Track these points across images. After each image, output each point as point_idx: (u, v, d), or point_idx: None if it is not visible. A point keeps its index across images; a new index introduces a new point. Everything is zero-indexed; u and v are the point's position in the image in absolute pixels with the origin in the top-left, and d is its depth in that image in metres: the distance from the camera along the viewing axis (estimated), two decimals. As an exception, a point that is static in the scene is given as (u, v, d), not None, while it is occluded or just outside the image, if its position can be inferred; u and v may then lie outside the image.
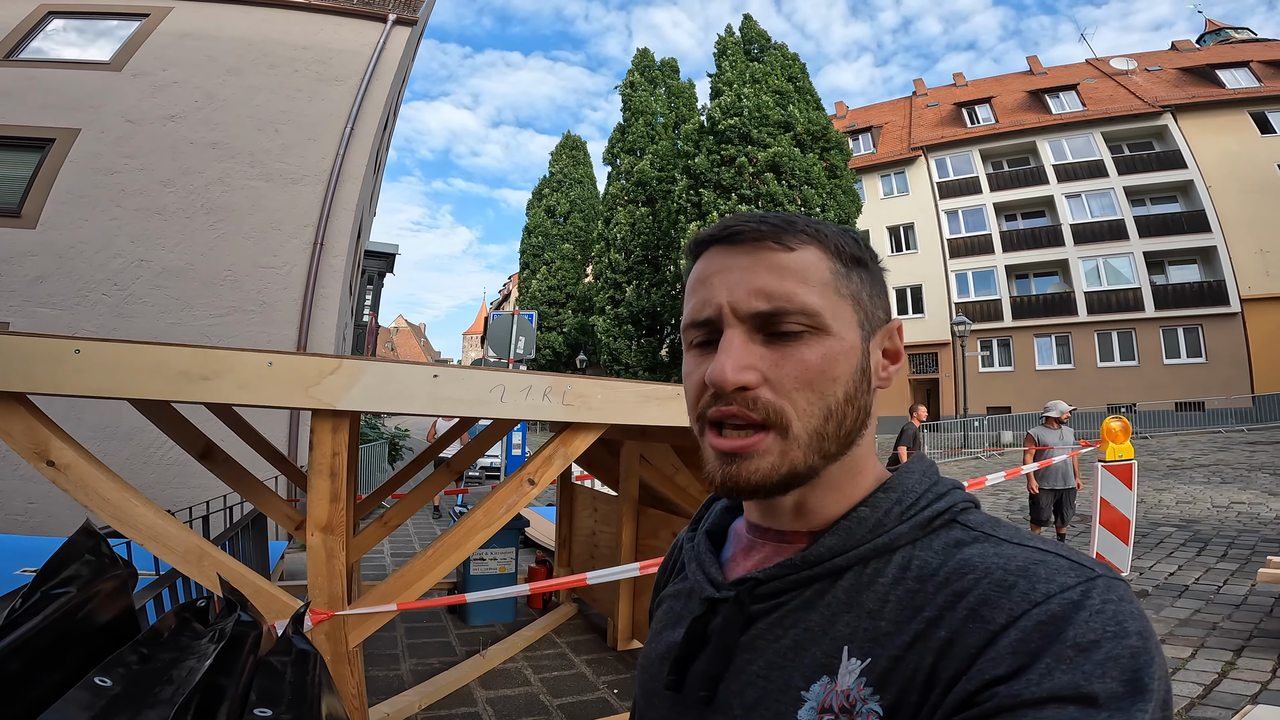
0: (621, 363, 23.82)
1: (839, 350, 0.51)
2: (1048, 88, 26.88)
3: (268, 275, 8.01)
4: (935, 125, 28.46)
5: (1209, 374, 21.19)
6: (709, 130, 19.38)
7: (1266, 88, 22.89)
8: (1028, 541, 0.47)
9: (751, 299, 0.51)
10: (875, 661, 0.45)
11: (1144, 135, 24.14)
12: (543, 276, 32.61)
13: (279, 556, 5.40)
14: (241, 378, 2.02)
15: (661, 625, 0.65)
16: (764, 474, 0.50)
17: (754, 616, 0.53)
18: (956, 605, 0.43)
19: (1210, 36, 30.39)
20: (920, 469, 0.56)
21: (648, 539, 3.84)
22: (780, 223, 0.53)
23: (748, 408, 0.50)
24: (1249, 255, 21.22)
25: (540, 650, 4.04)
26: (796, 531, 0.55)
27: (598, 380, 2.43)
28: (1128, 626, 0.39)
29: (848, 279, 0.53)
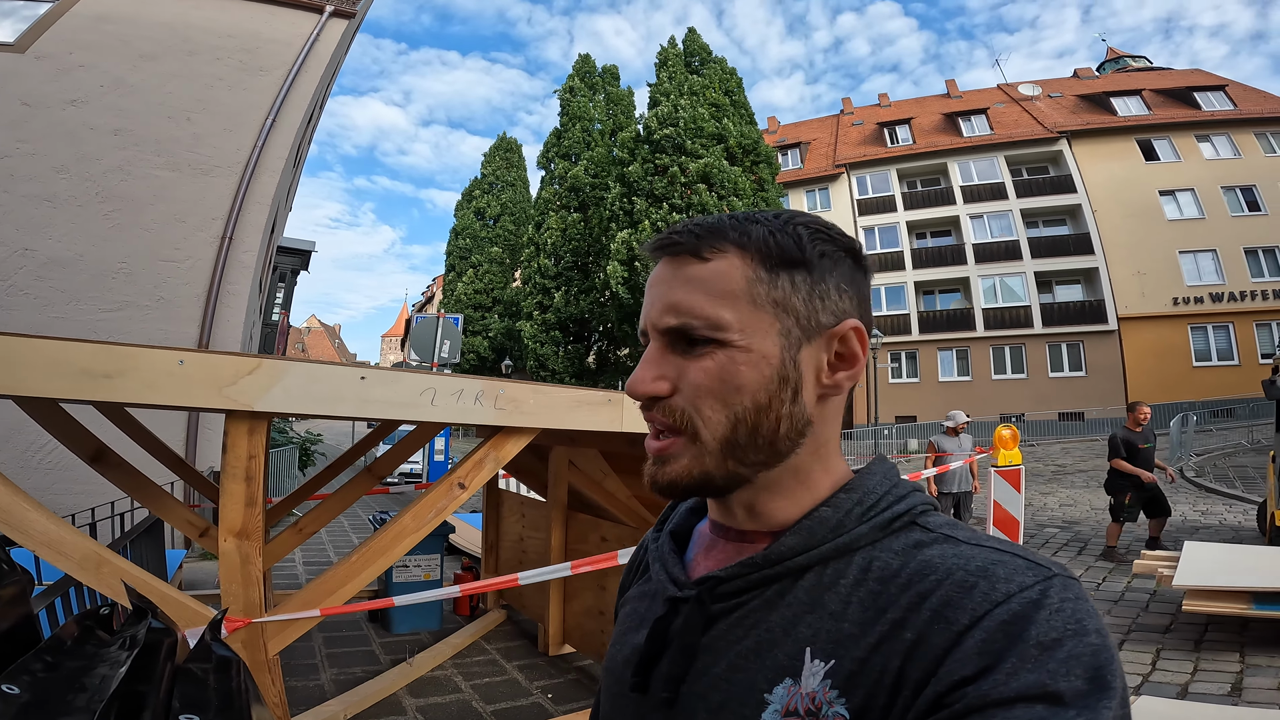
0: (548, 369, 23.64)
1: (743, 360, 0.51)
2: (961, 111, 28.71)
3: (168, 269, 7.50)
4: (859, 144, 29.88)
5: (1088, 386, 23.21)
6: (645, 139, 19.60)
7: (1155, 115, 25.27)
8: (985, 542, 0.47)
9: (664, 315, 0.53)
10: (840, 664, 0.45)
11: (1041, 160, 26.22)
12: (469, 279, 31.92)
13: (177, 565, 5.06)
14: (149, 377, 1.92)
15: (625, 627, 0.65)
16: (675, 475, 0.52)
17: (715, 616, 0.53)
18: (921, 606, 0.44)
19: (1110, 64, 32.93)
20: (881, 471, 0.56)
21: (577, 543, 3.86)
22: (702, 232, 0.53)
23: (663, 414, 0.53)
24: (1127, 277, 23.42)
25: (470, 657, 3.97)
26: (757, 532, 0.56)
27: (530, 385, 2.44)
28: (1086, 624, 0.40)
29: (771, 284, 0.52)
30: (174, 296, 7.46)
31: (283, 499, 4.71)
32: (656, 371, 0.53)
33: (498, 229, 33.59)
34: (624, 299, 18.63)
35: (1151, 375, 22.27)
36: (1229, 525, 8.45)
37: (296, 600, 1.96)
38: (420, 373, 2.35)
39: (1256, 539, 7.05)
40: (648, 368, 0.54)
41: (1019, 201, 25.48)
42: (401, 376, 2.33)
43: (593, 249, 23.27)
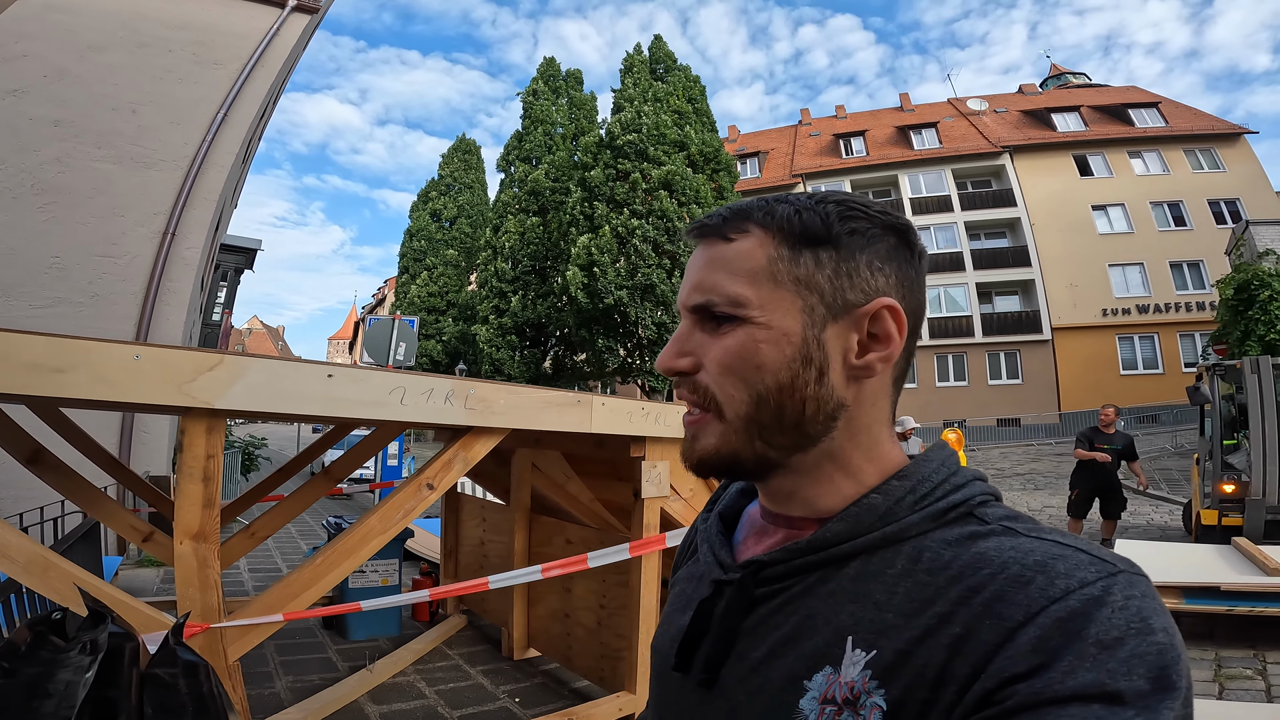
0: (503, 373, 23.35)
1: (763, 338, 0.51)
2: (913, 124, 29.60)
3: (104, 265, 7.15)
4: (815, 154, 30.53)
5: (1024, 394, 24.24)
6: (607, 144, 19.61)
7: (1091, 132, 26.53)
8: (1046, 535, 0.45)
9: (691, 294, 0.54)
10: (880, 654, 0.44)
11: (985, 174, 27.26)
12: (423, 282, 31.30)
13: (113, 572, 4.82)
14: (102, 372, 1.84)
15: (674, 607, 0.64)
16: (705, 452, 0.53)
17: (757, 600, 0.53)
18: (971, 601, 0.42)
19: (1052, 81, 34.38)
20: (940, 458, 0.54)
21: (541, 547, 3.83)
22: (730, 213, 0.54)
23: (691, 390, 0.54)
24: (1061, 288, 24.56)
25: (432, 663, 3.89)
26: (806, 519, 0.55)
27: (501, 385, 2.43)
28: (1152, 623, 0.38)
29: (793, 262, 0.52)
30: (110, 293, 7.11)
31: (229, 503, 4.53)
32: (680, 348, 0.54)
33: (454, 231, 33.05)
34: (583, 304, 18.56)
35: (1082, 383, 23.38)
36: (1157, 525, 8.96)
37: (258, 605, 1.89)
38: (390, 371, 2.31)
39: (1183, 537, 7.50)
40: (673, 344, 0.55)
41: (963, 214, 26.45)
42: (370, 374, 2.29)
43: (551, 253, 23.13)
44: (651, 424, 2.68)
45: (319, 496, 4.54)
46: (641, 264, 18.10)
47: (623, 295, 18.01)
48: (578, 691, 3.53)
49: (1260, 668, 3.70)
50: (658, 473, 2.72)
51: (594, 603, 3.20)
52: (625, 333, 19.26)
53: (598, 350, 19.59)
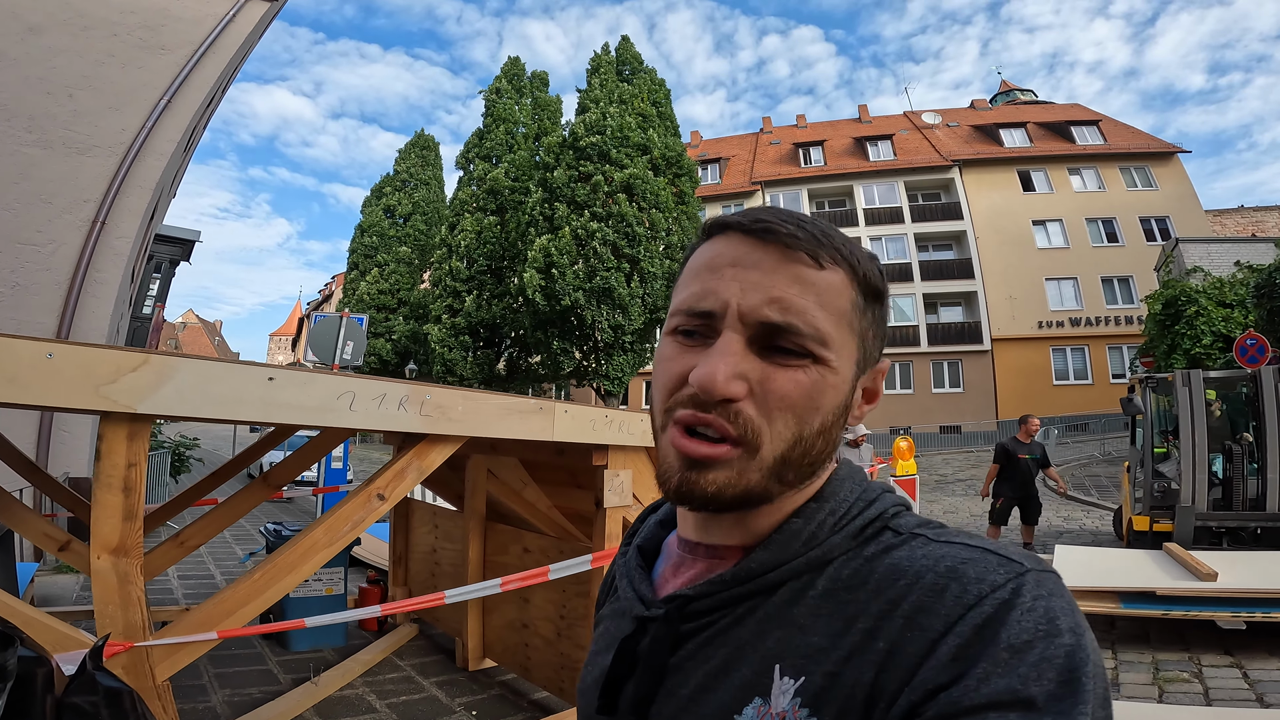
0: (456, 374, 22.89)
1: (831, 383, 0.49)
2: (870, 136, 30.48)
3: (25, 253, 6.70)
4: (775, 162, 31.09)
5: (965, 402, 25.20)
6: (571, 145, 19.50)
7: (1035, 148, 27.78)
8: (955, 539, 0.46)
9: (765, 307, 0.47)
10: (809, 680, 0.43)
11: (935, 186, 28.24)
12: (374, 279, 30.44)
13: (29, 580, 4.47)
14: (10, 370, 1.67)
15: (597, 647, 0.62)
16: (721, 485, 0.48)
17: (684, 636, 0.51)
18: (892, 614, 0.42)
19: (1001, 97, 35.88)
20: (849, 475, 0.54)
21: (497, 555, 3.71)
22: (817, 233, 0.50)
23: (727, 420, 0.47)
24: (1001, 300, 25.62)
25: (382, 674, 3.73)
26: (729, 546, 0.53)
27: (458, 391, 2.32)
28: (1059, 624, 0.39)
29: (863, 314, 0.51)
30: (30, 283, 6.67)
31: (158, 508, 4.25)
32: (737, 369, 0.47)
33: (408, 228, 32.28)
34: (540, 306, 18.35)
35: (1018, 392, 24.44)
36: (1088, 530, 9.36)
37: (190, 621, 1.74)
38: (336, 374, 2.18)
39: (1114, 542, 7.83)
40: (728, 361, 0.47)
41: (913, 226, 27.33)
42: (315, 378, 2.15)
43: (508, 253, 22.81)
44: (615, 432, 2.62)
45: (257, 503, 4.31)
46: (600, 267, 18.02)
47: (580, 298, 17.89)
48: (538, 704, 3.43)
49: (1196, 671, 3.86)
50: (620, 481, 2.66)
51: (553, 613, 3.11)
52: (581, 335, 19.14)
53: (553, 353, 19.40)
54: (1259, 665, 3.95)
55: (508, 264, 23.08)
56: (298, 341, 67.03)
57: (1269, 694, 3.57)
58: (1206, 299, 13.02)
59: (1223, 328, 12.43)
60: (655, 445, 0.53)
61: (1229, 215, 29.30)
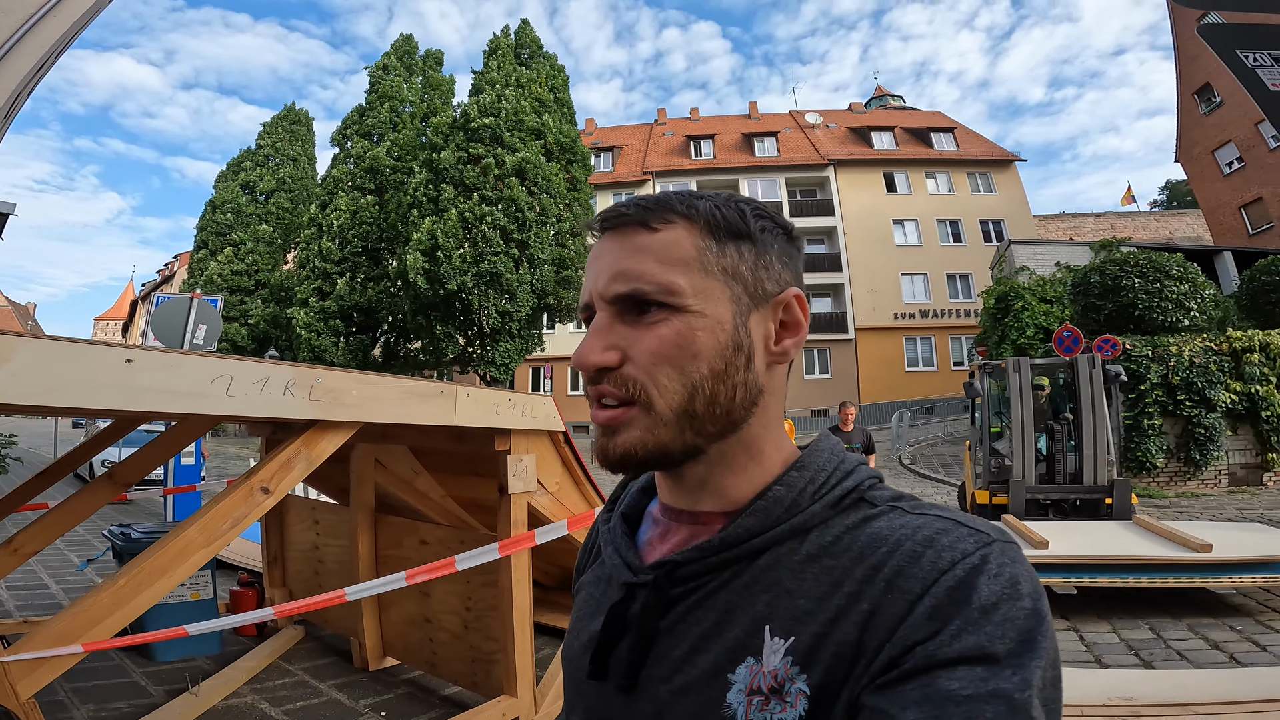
0: (324, 361, 21.38)
1: (699, 326, 0.51)
2: (757, 132, 31.69)
3: None
4: (667, 154, 31.59)
5: (832, 387, 27.09)
6: (462, 126, 18.74)
7: (900, 151, 30.10)
8: (929, 511, 0.49)
9: (612, 283, 0.52)
10: (799, 640, 0.46)
11: (812, 184, 29.94)
12: (226, 259, 27.67)
13: None
14: None
15: (582, 613, 0.64)
16: (629, 446, 0.51)
17: (673, 600, 0.53)
18: (874, 578, 0.45)
19: (875, 101, 38.56)
20: (828, 447, 0.57)
21: (390, 549, 3.53)
22: (650, 204, 0.54)
23: (614, 385, 0.52)
24: (864, 294, 27.76)
25: (272, 680, 3.45)
26: (711, 513, 0.55)
27: (352, 373, 2.19)
28: (1022, 588, 0.43)
29: (720, 253, 0.53)
30: None
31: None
32: (605, 341, 0.52)
33: (270, 205, 29.62)
34: (422, 289, 17.54)
35: (877, 378, 26.72)
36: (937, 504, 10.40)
37: (49, 634, 1.53)
38: (210, 356, 1.98)
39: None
40: (596, 338, 0.53)
41: (791, 220, 28.86)
42: (184, 360, 1.94)
43: (387, 235, 21.57)
44: (518, 416, 2.58)
45: (99, 506, 3.83)
46: (488, 251, 17.51)
47: (466, 281, 17.29)
48: (450, 699, 3.32)
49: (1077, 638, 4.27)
50: (524, 466, 2.63)
51: (458, 606, 3.02)
52: (466, 321, 18.54)
53: (435, 338, 18.66)
54: (1091, 628, 4.36)
55: (386, 246, 21.84)
56: (130, 326, 59.57)
57: (1105, 655, 3.93)
58: (1031, 295, 14.75)
59: (1043, 321, 14.13)
60: None
61: (1052, 220, 33.53)
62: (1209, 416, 9.95)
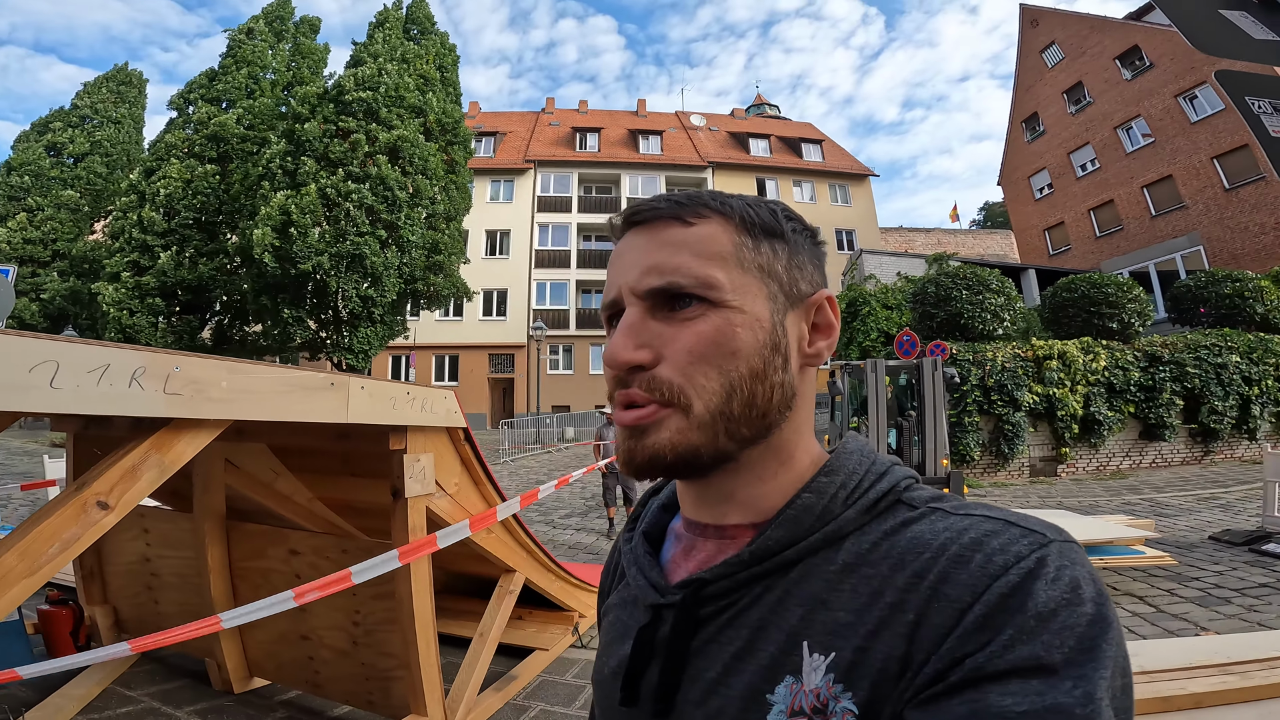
0: (139, 343, 18.68)
1: (739, 323, 0.49)
2: (643, 130, 32.16)
3: None
4: (552, 143, 31.17)
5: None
6: (334, 98, 17.20)
7: (773, 159, 31.75)
8: (974, 511, 0.46)
9: (645, 277, 0.50)
10: (840, 655, 0.43)
11: (690, 184, 30.84)
12: (17, 226, 23.46)
13: None
14: None
15: (610, 637, 0.60)
16: (659, 448, 0.49)
17: (702, 620, 0.50)
18: (919, 585, 0.42)
19: (754, 109, 40.41)
20: (857, 448, 0.54)
21: (250, 560, 3.09)
22: (683, 199, 0.52)
23: (645, 389, 0.49)
24: (729, 293, 29.23)
25: (111, 709, 2.91)
26: (737, 526, 0.53)
27: (221, 361, 1.86)
28: (1083, 593, 0.40)
29: (755, 250, 0.51)
30: None
31: None
32: (637, 338, 0.50)
33: (79, 169, 25.53)
34: (269, 268, 15.85)
35: (744, 373, 28.27)
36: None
37: None
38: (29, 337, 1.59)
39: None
40: (627, 335, 0.50)
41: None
42: (-8, 343, 1.54)
43: (227, 207, 19.27)
44: (417, 411, 2.34)
45: None
46: (352, 231, 16.18)
47: (323, 262, 15.87)
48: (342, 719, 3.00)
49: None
50: (422, 467, 2.39)
51: (343, 621, 2.69)
52: (319, 304, 17.05)
53: (282, 321, 16.99)
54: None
55: (225, 219, 19.53)
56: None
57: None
58: (876, 301, 16.20)
59: (885, 326, 15.55)
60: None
61: (891, 233, 37.05)
62: (1016, 415, 11.39)
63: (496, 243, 28.19)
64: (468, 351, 26.64)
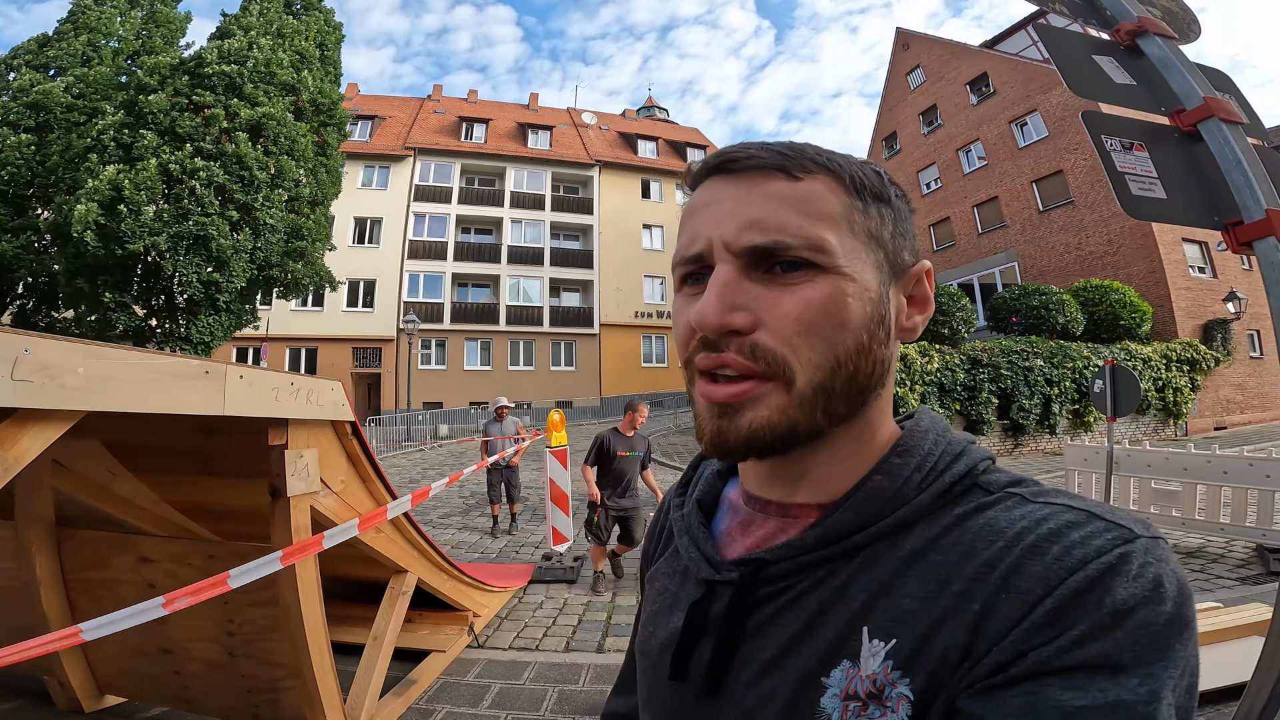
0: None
1: (850, 292, 0.45)
2: (533, 124, 31.39)
3: None
4: (435, 132, 29.65)
5: (577, 379, 28.31)
6: (190, 70, 15.33)
7: (659, 162, 32.16)
8: (1054, 499, 0.43)
9: (745, 231, 0.45)
10: (901, 642, 0.41)
11: (577, 181, 30.70)
12: None
13: None
14: None
15: (657, 606, 0.57)
16: (758, 427, 0.45)
17: (760, 600, 0.48)
18: (988, 576, 0.40)
19: (645, 111, 40.74)
20: (931, 424, 0.51)
21: (90, 570, 2.72)
22: (786, 149, 0.47)
23: (744, 355, 0.44)
24: (610, 291, 29.42)
25: None
26: (803, 505, 0.50)
27: (77, 344, 1.66)
28: (1165, 591, 0.37)
29: (865, 214, 0.47)
30: None
31: None
32: (732, 300, 0.45)
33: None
34: (91, 247, 13.87)
35: (618, 372, 28.64)
36: (676, 487, 11.38)
37: None
38: None
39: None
40: (720, 294, 0.45)
41: (552, 214, 29.35)
42: None
43: (41, 180, 16.63)
44: (301, 403, 2.19)
45: None
46: (197, 211, 14.53)
47: (159, 243, 14.14)
48: None
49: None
50: (305, 463, 2.24)
51: (214, 631, 2.44)
52: (149, 288, 15.22)
53: (102, 306, 14.99)
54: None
55: (37, 193, 16.86)
56: None
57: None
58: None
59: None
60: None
61: (761, 240, 39.04)
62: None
63: (367, 231, 26.52)
64: (329, 344, 24.81)
